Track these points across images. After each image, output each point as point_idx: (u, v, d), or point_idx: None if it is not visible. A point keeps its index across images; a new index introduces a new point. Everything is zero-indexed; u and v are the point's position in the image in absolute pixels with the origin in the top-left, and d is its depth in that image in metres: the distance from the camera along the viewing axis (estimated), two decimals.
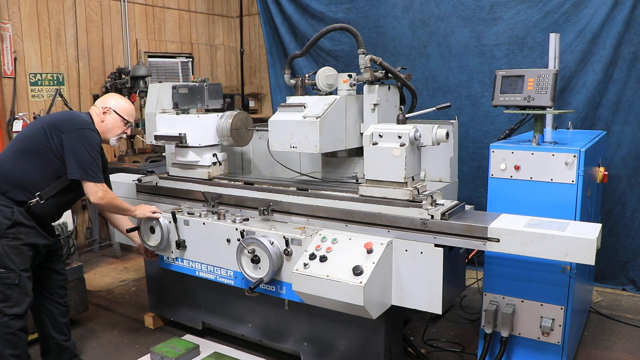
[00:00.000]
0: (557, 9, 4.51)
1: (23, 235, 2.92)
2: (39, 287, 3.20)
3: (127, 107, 3.26)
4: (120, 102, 3.24)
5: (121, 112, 3.20)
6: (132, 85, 5.87)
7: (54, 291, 3.26)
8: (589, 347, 3.68)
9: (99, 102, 3.22)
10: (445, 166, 3.64)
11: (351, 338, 3.11)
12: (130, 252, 5.94)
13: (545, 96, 2.93)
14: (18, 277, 2.89)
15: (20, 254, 2.92)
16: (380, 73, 3.12)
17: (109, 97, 3.28)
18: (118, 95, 3.36)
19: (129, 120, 3.25)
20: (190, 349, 3.56)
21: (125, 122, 3.23)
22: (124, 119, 3.22)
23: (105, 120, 3.17)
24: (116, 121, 3.19)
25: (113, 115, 3.18)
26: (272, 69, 6.46)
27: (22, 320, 2.94)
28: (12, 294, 2.89)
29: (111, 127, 3.19)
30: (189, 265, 3.39)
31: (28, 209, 2.94)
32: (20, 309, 2.91)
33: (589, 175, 3.08)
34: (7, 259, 2.87)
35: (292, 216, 3.08)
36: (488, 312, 3.07)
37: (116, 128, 3.20)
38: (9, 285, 2.88)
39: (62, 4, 5.77)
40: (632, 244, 4.52)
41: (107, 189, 3.09)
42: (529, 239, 2.41)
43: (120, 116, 3.20)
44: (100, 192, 3.01)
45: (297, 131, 3.00)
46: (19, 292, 2.91)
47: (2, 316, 2.87)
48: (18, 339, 2.92)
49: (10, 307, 2.88)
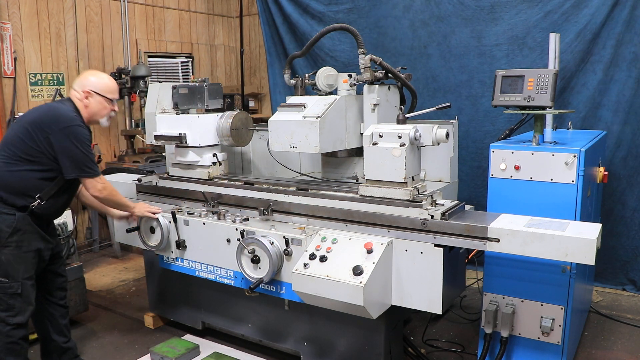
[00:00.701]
0: (557, 9, 4.51)
1: (25, 243, 2.88)
2: (40, 291, 3.16)
3: (108, 84, 3.08)
4: (100, 81, 3.05)
5: (103, 92, 3.03)
6: (132, 85, 5.88)
7: (54, 293, 3.24)
8: (589, 347, 3.68)
9: (78, 86, 3.03)
10: (445, 166, 3.64)
11: (351, 338, 3.11)
12: (130, 252, 5.94)
13: (545, 96, 2.93)
14: (20, 286, 2.86)
15: (24, 262, 2.88)
16: (380, 73, 3.12)
17: (87, 77, 3.07)
18: (95, 72, 3.15)
19: (114, 97, 3.09)
20: (190, 349, 3.55)
21: (110, 100, 3.07)
22: (107, 99, 3.05)
23: (90, 105, 3.01)
24: (101, 103, 3.03)
25: (96, 97, 3.01)
26: (272, 69, 6.46)
27: (24, 329, 2.92)
28: (15, 303, 2.86)
29: (97, 110, 3.04)
30: (189, 265, 3.39)
31: (31, 212, 2.90)
32: (22, 318, 2.88)
33: (589, 175, 3.08)
34: (10, 268, 2.83)
35: (292, 216, 3.08)
36: (488, 312, 3.07)
37: (102, 109, 3.06)
38: (11, 295, 2.84)
39: (62, 4, 5.77)
40: (632, 244, 4.52)
41: (105, 182, 3.04)
42: (529, 239, 2.41)
43: (104, 96, 3.03)
44: (99, 185, 2.97)
45: (297, 131, 3.00)
46: (22, 301, 2.88)
47: (5, 325, 2.84)
48: (20, 347, 2.90)
49: (12, 316, 2.85)
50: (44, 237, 3.00)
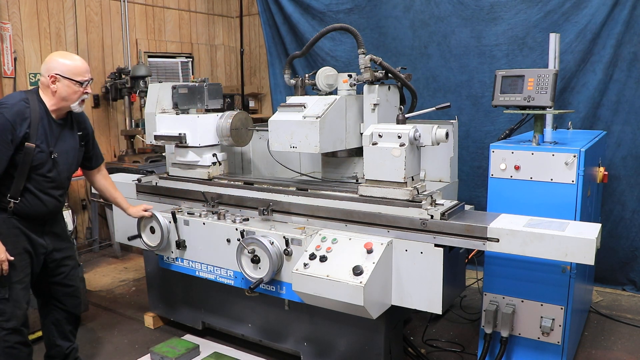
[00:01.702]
0: (557, 9, 4.51)
1: (10, 246, 2.75)
2: (45, 296, 3.10)
3: (74, 65, 2.81)
4: (65, 63, 2.79)
5: (70, 74, 2.78)
6: (132, 85, 5.88)
7: (63, 301, 3.14)
8: (589, 347, 3.68)
9: (44, 70, 2.80)
10: (445, 166, 3.64)
11: (351, 338, 3.11)
12: (130, 252, 5.94)
13: (545, 96, 2.93)
14: (8, 291, 2.77)
15: (11, 266, 2.77)
16: (380, 73, 3.12)
17: (51, 60, 2.82)
18: (62, 53, 2.91)
19: (83, 79, 2.82)
20: (190, 349, 3.56)
21: (79, 83, 2.81)
22: (76, 81, 2.79)
23: (58, 90, 2.78)
24: (69, 86, 2.78)
25: (63, 81, 2.77)
26: (272, 69, 6.46)
27: (21, 335, 2.85)
28: (5, 308, 2.79)
29: (66, 95, 2.79)
30: (189, 265, 3.39)
31: (13, 213, 2.77)
32: (16, 323, 2.82)
33: (589, 175, 3.08)
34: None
35: (292, 216, 3.08)
36: (488, 312, 3.07)
37: (72, 93, 2.80)
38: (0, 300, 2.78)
39: (62, 4, 5.77)
40: (631, 245, 4.52)
41: None
42: (528, 239, 2.41)
43: (71, 79, 2.78)
44: None
45: (297, 131, 3.00)
46: (12, 306, 2.80)
47: (0, 330, 2.78)
48: (18, 351, 2.84)
49: (6, 321, 2.79)
50: (33, 240, 2.88)
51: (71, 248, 3.21)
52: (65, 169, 2.94)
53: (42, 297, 3.12)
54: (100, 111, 6.22)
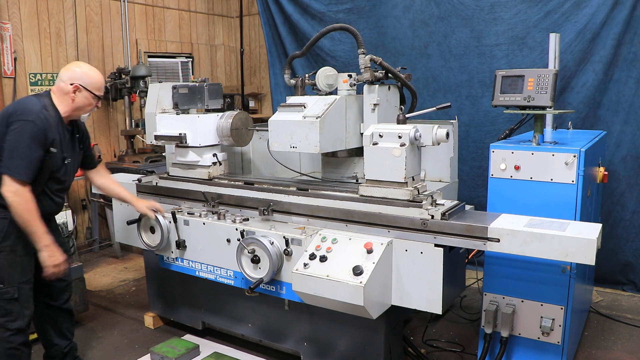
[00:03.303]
0: (557, 9, 4.51)
1: (20, 247, 2.82)
2: (41, 295, 3.12)
3: (97, 79, 2.96)
4: (89, 76, 2.93)
5: (92, 87, 2.93)
6: (132, 85, 5.88)
7: (57, 297, 3.19)
8: (589, 347, 3.68)
9: (66, 77, 2.89)
10: (446, 166, 3.64)
11: (351, 338, 3.11)
12: (130, 252, 5.94)
13: (545, 96, 2.93)
14: (17, 291, 2.81)
15: (19, 266, 2.83)
16: (380, 73, 3.12)
17: (75, 68, 2.93)
18: (84, 65, 3.01)
19: (100, 94, 3.00)
20: (190, 349, 3.56)
21: (96, 97, 2.97)
22: (95, 95, 2.96)
23: (76, 99, 2.90)
24: (87, 98, 2.93)
25: (84, 93, 2.90)
26: (272, 69, 6.46)
27: (24, 335, 2.87)
28: (13, 308, 2.81)
29: (83, 105, 2.94)
30: (189, 265, 3.39)
31: None
32: (22, 323, 2.84)
33: (589, 175, 3.08)
34: (5, 273, 2.78)
35: (292, 216, 3.08)
36: (488, 312, 3.07)
37: (87, 105, 2.96)
38: (9, 300, 2.80)
39: (62, 4, 5.77)
40: (631, 247, 4.51)
41: (24, 192, 2.71)
42: (529, 239, 2.41)
43: (92, 92, 2.93)
44: (13, 188, 2.68)
45: (297, 131, 3.00)
46: (20, 306, 2.83)
47: (4, 331, 2.79)
48: (20, 352, 2.86)
49: (11, 321, 2.81)
50: None
51: (64, 243, 3.31)
52: (72, 172, 3.07)
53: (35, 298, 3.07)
54: (100, 111, 6.21)
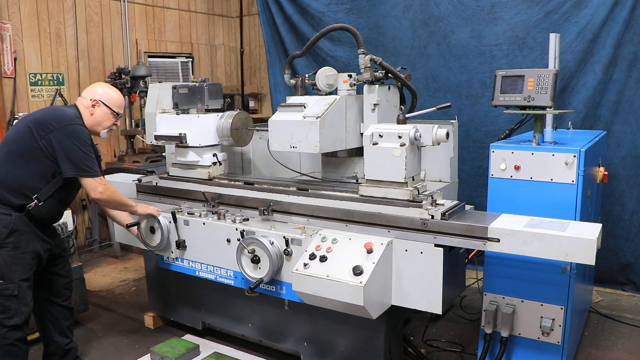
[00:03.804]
0: (557, 9, 4.51)
1: (23, 244, 2.86)
2: (42, 292, 3.14)
3: (116, 98, 3.13)
4: (109, 94, 3.11)
5: (111, 104, 3.08)
6: (132, 85, 5.88)
7: (57, 294, 3.21)
8: (589, 347, 3.68)
9: (87, 94, 3.09)
10: (446, 166, 3.64)
11: (351, 338, 3.11)
12: (130, 252, 5.94)
13: (545, 96, 2.93)
14: (17, 287, 2.83)
15: (21, 264, 2.85)
16: (380, 73, 3.12)
17: (97, 87, 3.14)
18: (106, 85, 3.22)
19: (119, 112, 3.14)
20: (190, 349, 3.56)
21: (115, 114, 3.12)
22: (113, 111, 3.10)
23: (95, 114, 3.05)
24: (106, 114, 3.08)
25: (102, 108, 3.06)
26: (272, 69, 6.46)
27: (21, 331, 2.89)
28: (11, 305, 2.83)
29: (101, 120, 3.08)
30: (189, 265, 3.39)
31: (28, 213, 2.87)
32: (19, 320, 2.86)
33: (589, 175, 3.08)
34: (6, 270, 2.80)
35: (292, 216, 3.08)
36: (488, 312, 3.07)
37: (106, 121, 3.10)
38: (7, 297, 2.81)
39: (62, 4, 5.77)
40: (631, 247, 4.51)
41: (106, 183, 3.02)
42: (529, 239, 2.41)
43: (110, 108, 3.08)
44: (100, 187, 2.94)
45: (297, 131, 3.00)
46: (18, 302, 2.85)
47: (1, 327, 2.81)
48: (17, 348, 2.87)
49: (9, 318, 2.82)
50: (42, 238, 2.97)
51: (63, 242, 3.40)
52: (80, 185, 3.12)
53: (36, 295, 3.10)
54: None
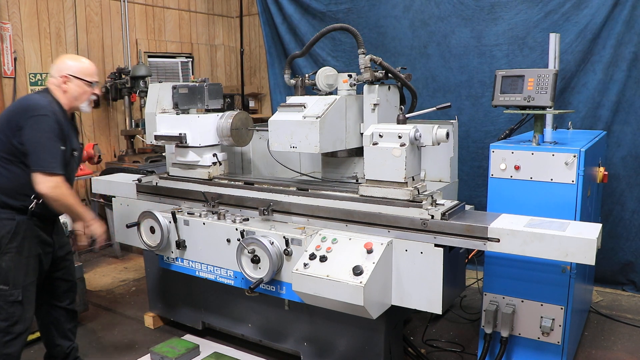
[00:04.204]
0: (558, 9, 4.51)
1: (26, 248, 2.80)
2: (47, 296, 3.10)
3: (85, 66, 2.94)
4: (76, 65, 2.92)
5: (81, 74, 2.91)
6: (132, 85, 5.88)
7: (61, 298, 3.16)
8: (589, 347, 3.68)
9: (55, 71, 2.90)
10: (446, 166, 3.64)
11: (351, 338, 3.11)
12: (130, 252, 5.94)
13: (545, 96, 2.93)
14: (21, 293, 2.78)
15: (25, 268, 2.80)
16: (380, 73, 3.12)
17: (63, 61, 2.93)
18: (71, 56, 3.04)
19: (92, 80, 2.96)
20: (190, 349, 3.56)
21: (89, 83, 2.94)
22: (86, 81, 2.92)
23: (68, 90, 2.89)
24: (80, 86, 2.91)
25: (74, 81, 2.89)
26: (272, 69, 6.46)
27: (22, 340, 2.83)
28: (15, 311, 2.77)
29: (77, 95, 2.91)
30: (189, 265, 3.39)
31: (32, 213, 2.81)
32: (23, 327, 2.81)
33: (589, 175, 3.08)
34: (11, 275, 2.74)
35: (292, 216, 3.08)
36: (488, 312, 3.07)
37: (82, 94, 2.93)
38: (12, 303, 2.75)
39: (62, 4, 5.77)
40: (631, 246, 4.51)
41: (60, 183, 2.75)
42: (529, 239, 2.41)
43: (82, 79, 2.91)
44: (51, 182, 2.70)
45: (297, 131, 3.00)
46: (22, 309, 2.79)
47: (4, 335, 2.75)
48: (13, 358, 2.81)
49: (12, 325, 2.76)
50: (45, 241, 2.92)
51: (69, 244, 3.30)
52: (76, 167, 3.06)
53: (39, 299, 3.07)
54: (100, 111, 6.22)
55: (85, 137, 5.99)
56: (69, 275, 3.21)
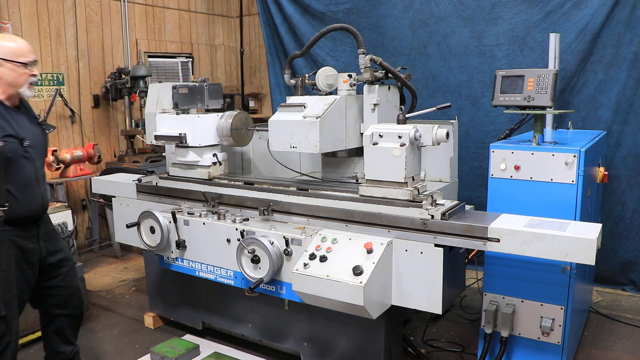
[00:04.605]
0: (558, 9, 4.52)
1: (3, 261, 2.59)
2: (48, 305, 2.96)
3: (14, 46, 2.63)
4: (5, 45, 2.61)
5: (12, 56, 2.61)
6: (132, 85, 5.89)
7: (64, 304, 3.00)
8: (589, 347, 3.68)
9: None
10: (445, 166, 3.64)
11: (351, 338, 3.11)
12: (130, 252, 5.94)
13: (545, 96, 2.93)
14: (4, 307, 2.61)
15: (4, 281, 2.61)
16: (380, 73, 3.12)
17: None
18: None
19: (26, 60, 2.65)
20: (190, 349, 3.56)
21: (22, 65, 2.63)
22: (19, 63, 2.62)
23: (2, 75, 2.59)
24: (13, 70, 2.61)
25: (5, 65, 2.59)
26: (272, 69, 6.47)
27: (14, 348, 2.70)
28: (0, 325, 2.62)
29: (12, 80, 2.61)
30: (189, 265, 3.39)
31: (5, 222, 2.59)
32: (10, 337, 2.67)
33: (589, 175, 3.08)
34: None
35: (292, 216, 3.08)
36: (488, 312, 3.07)
37: (18, 77, 2.63)
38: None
39: (62, 4, 5.77)
40: (631, 245, 4.52)
41: None
42: (529, 239, 2.41)
43: (13, 61, 2.60)
44: None
45: (297, 131, 3.00)
46: (5, 322, 2.63)
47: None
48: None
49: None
50: (27, 250, 2.72)
51: (65, 248, 3.09)
52: (38, 156, 2.78)
53: (41, 307, 3.00)
54: (100, 111, 6.22)
55: (85, 137, 5.99)
56: (68, 282, 3.02)
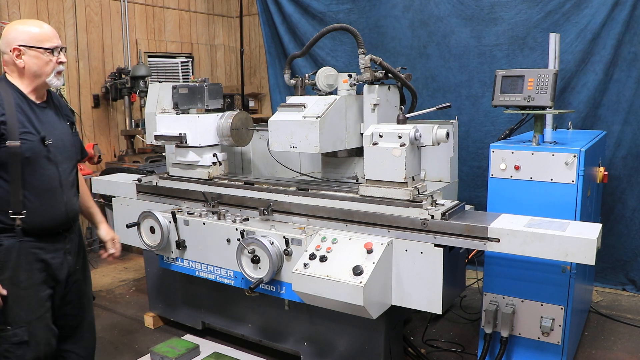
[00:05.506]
0: (558, 9, 4.52)
1: (23, 277, 2.30)
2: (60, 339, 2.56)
3: (38, 32, 2.36)
4: (26, 32, 2.35)
5: (35, 42, 2.34)
6: (132, 85, 5.88)
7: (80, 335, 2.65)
8: (589, 347, 3.68)
9: (4, 46, 2.36)
10: (445, 166, 3.64)
11: (351, 338, 3.11)
12: (130, 252, 5.94)
13: (545, 96, 2.93)
14: (27, 332, 2.31)
15: (26, 301, 2.32)
16: (380, 73, 3.12)
17: (10, 31, 2.36)
18: (18, 22, 2.43)
19: (52, 46, 2.38)
20: (190, 349, 3.56)
21: (49, 50, 2.37)
22: (45, 49, 2.36)
23: (26, 64, 2.34)
24: (38, 57, 2.35)
25: (29, 52, 2.33)
26: (272, 69, 6.47)
27: None
28: (25, 353, 2.31)
29: (37, 68, 2.35)
30: (189, 265, 3.39)
31: (24, 232, 2.31)
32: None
33: (589, 175, 3.08)
34: (10, 312, 2.28)
35: (292, 216, 3.08)
36: (488, 312, 3.07)
37: (43, 65, 2.36)
38: (18, 345, 2.29)
39: (62, 4, 5.77)
40: (632, 244, 4.52)
41: None
42: (529, 239, 2.41)
43: (38, 48, 2.34)
44: None
45: (297, 131, 3.00)
46: (32, 350, 2.33)
47: None
48: None
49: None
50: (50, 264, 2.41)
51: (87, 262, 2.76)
52: (65, 158, 2.48)
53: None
54: (100, 111, 6.22)
55: (85, 137, 5.99)
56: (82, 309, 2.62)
